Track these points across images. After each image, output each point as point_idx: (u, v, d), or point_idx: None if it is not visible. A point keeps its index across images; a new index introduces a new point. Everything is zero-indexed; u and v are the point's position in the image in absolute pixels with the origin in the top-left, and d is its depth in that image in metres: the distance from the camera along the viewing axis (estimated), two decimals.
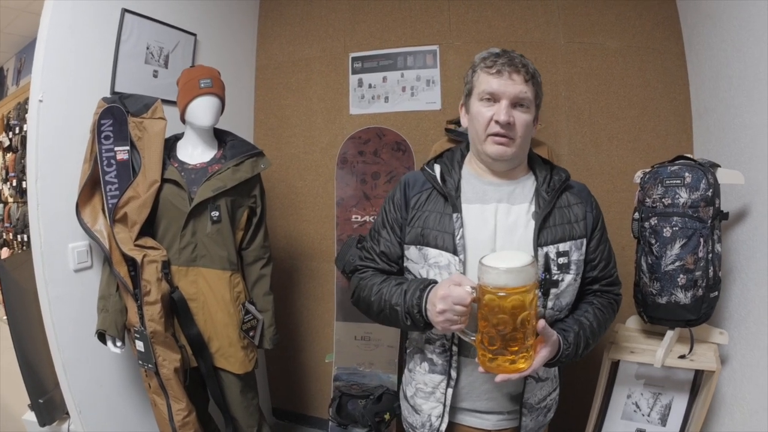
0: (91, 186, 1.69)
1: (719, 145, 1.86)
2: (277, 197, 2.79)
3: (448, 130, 2.16)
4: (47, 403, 1.81)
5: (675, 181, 1.51)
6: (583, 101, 2.34)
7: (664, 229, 1.52)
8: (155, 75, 2.11)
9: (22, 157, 4.05)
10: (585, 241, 1.19)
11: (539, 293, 1.10)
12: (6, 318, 1.79)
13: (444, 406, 1.22)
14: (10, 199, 4.48)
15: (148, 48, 2.05)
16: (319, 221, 2.75)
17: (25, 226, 4.00)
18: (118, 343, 1.69)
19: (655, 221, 1.54)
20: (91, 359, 1.78)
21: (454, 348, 1.19)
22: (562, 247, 1.14)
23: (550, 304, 1.13)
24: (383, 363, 2.39)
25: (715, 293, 1.52)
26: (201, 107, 1.77)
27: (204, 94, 1.76)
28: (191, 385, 1.77)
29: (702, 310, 1.51)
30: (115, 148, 1.69)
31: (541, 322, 1.00)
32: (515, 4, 2.41)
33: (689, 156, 1.59)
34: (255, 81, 2.89)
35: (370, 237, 1.33)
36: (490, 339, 0.97)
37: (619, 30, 2.29)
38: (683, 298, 1.51)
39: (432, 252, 1.16)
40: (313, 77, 2.76)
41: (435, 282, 1.11)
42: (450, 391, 1.21)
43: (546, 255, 1.12)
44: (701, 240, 1.47)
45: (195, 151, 1.84)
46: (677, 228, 1.50)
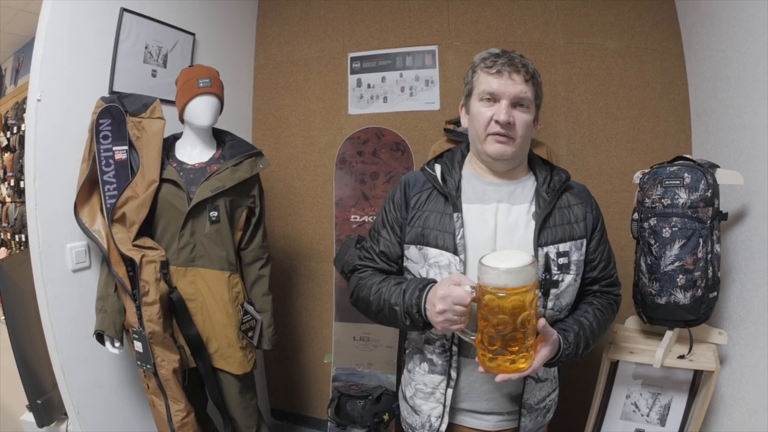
0: (90, 186, 1.69)
1: (718, 145, 1.86)
2: (275, 197, 2.78)
3: (447, 130, 2.16)
4: (45, 404, 1.81)
5: (674, 182, 1.51)
6: (582, 101, 2.34)
7: (664, 230, 1.52)
8: (154, 74, 2.10)
9: (20, 157, 4.04)
10: (585, 242, 1.19)
11: (539, 293, 1.10)
12: (4, 318, 1.78)
13: (444, 406, 1.22)
14: (8, 199, 4.47)
15: (146, 47, 2.05)
16: (317, 221, 2.74)
17: (23, 226, 4.00)
18: (117, 343, 1.69)
19: (655, 222, 1.54)
20: (90, 360, 1.77)
21: (454, 348, 1.19)
22: (562, 247, 1.15)
23: (550, 305, 1.13)
24: (382, 363, 2.39)
25: (714, 293, 1.52)
26: (200, 107, 1.76)
27: (203, 94, 1.76)
28: (190, 386, 1.76)
29: (701, 310, 1.51)
30: (114, 148, 1.68)
31: (541, 321, 1.00)
32: (514, 5, 2.41)
33: (688, 156, 1.59)
34: (253, 81, 2.88)
35: (369, 237, 1.33)
36: (490, 339, 0.97)
37: (618, 30, 2.29)
38: (682, 298, 1.51)
39: (432, 252, 1.16)
40: (311, 77, 2.75)
41: (434, 281, 1.11)
42: (450, 391, 1.21)
43: (546, 255, 1.12)
44: (700, 240, 1.48)
45: (194, 151, 1.83)
46: (676, 228, 1.50)
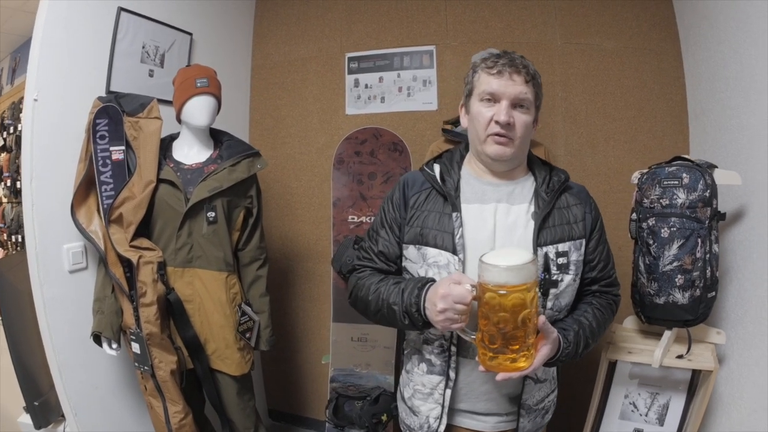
0: (86, 186, 1.68)
1: (716, 146, 1.87)
2: (272, 198, 2.78)
3: (445, 130, 2.16)
4: (42, 406, 1.80)
5: (673, 182, 1.51)
6: (579, 102, 2.34)
7: (662, 230, 1.52)
8: (151, 74, 2.10)
9: (17, 157, 4.02)
10: (584, 242, 1.19)
11: (539, 293, 1.10)
12: (1, 320, 1.77)
13: (442, 407, 1.22)
14: (4, 200, 4.44)
15: (143, 47, 2.04)
16: (315, 222, 2.74)
17: (20, 227, 3.98)
18: (114, 345, 1.68)
19: (653, 222, 1.54)
20: (87, 361, 1.76)
21: (453, 348, 1.19)
22: (561, 247, 1.15)
23: (549, 305, 1.13)
24: (380, 364, 2.38)
25: (713, 293, 1.52)
26: (197, 107, 1.76)
27: (200, 94, 1.75)
28: (188, 387, 1.75)
29: (700, 310, 1.52)
30: (111, 148, 1.67)
31: (541, 318, 1.00)
32: (512, 5, 2.41)
33: (687, 157, 1.59)
34: (251, 81, 2.87)
35: (368, 237, 1.33)
36: (491, 337, 0.97)
37: (616, 31, 2.30)
38: (681, 298, 1.51)
39: (431, 251, 1.16)
40: (309, 77, 2.75)
41: (433, 280, 1.11)
42: (448, 392, 1.20)
43: (545, 255, 1.13)
44: (699, 240, 1.48)
45: (191, 151, 1.83)
46: (675, 228, 1.50)
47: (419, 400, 1.26)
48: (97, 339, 1.68)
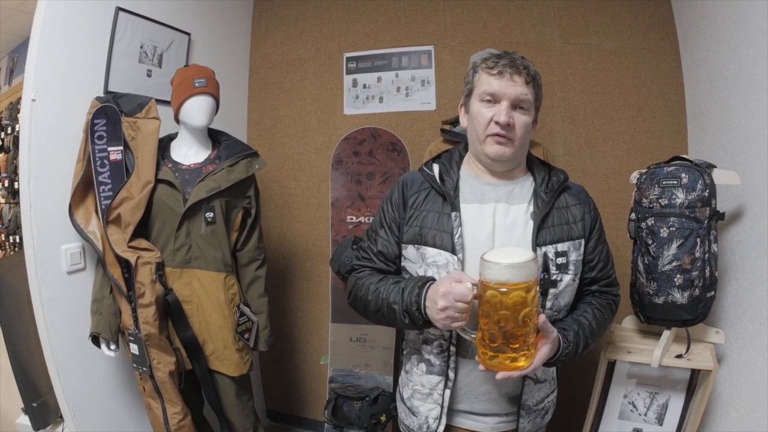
0: (84, 187, 1.67)
1: (714, 146, 1.87)
2: (271, 198, 2.78)
3: (444, 130, 2.16)
4: (41, 407, 1.79)
5: (672, 182, 1.51)
6: (578, 102, 2.34)
7: (661, 230, 1.52)
8: (149, 74, 2.09)
9: (14, 157, 4.01)
10: (583, 242, 1.19)
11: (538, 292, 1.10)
12: None
13: (441, 407, 1.21)
14: (2, 200, 4.43)
15: (141, 47, 2.04)
16: (313, 222, 2.74)
17: (17, 227, 3.96)
18: (112, 346, 1.68)
19: (652, 222, 1.54)
20: (85, 362, 1.76)
21: (452, 348, 1.18)
22: (560, 247, 1.15)
23: (548, 305, 1.13)
24: (379, 364, 2.38)
25: (712, 293, 1.52)
26: (195, 107, 1.75)
27: (198, 94, 1.75)
28: (186, 388, 1.75)
29: (699, 309, 1.52)
30: (109, 148, 1.67)
31: (542, 317, 1.00)
32: (510, 5, 2.41)
33: (685, 157, 1.59)
34: (249, 81, 2.87)
35: (367, 237, 1.33)
36: (491, 336, 0.97)
37: (615, 31, 2.30)
38: (680, 298, 1.51)
39: (430, 251, 1.16)
40: (307, 77, 2.75)
41: (433, 279, 1.11)
42: (448, 392, 1.20)
43: (545, 255, 1.13)
44: (698, 240, 1.48)
45: (189, 152, 1.82)
46: (674, 228, 1.50)
47: (418, 400, 1.26)
48: (95, 340, 1.67)
